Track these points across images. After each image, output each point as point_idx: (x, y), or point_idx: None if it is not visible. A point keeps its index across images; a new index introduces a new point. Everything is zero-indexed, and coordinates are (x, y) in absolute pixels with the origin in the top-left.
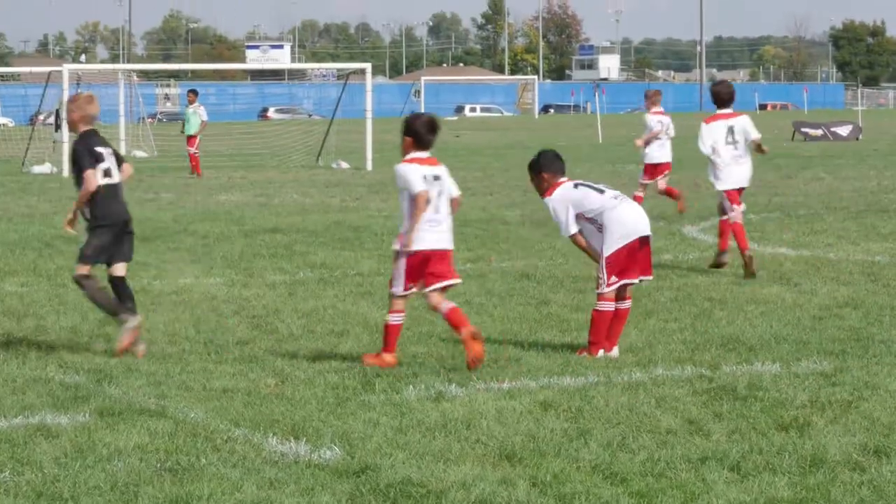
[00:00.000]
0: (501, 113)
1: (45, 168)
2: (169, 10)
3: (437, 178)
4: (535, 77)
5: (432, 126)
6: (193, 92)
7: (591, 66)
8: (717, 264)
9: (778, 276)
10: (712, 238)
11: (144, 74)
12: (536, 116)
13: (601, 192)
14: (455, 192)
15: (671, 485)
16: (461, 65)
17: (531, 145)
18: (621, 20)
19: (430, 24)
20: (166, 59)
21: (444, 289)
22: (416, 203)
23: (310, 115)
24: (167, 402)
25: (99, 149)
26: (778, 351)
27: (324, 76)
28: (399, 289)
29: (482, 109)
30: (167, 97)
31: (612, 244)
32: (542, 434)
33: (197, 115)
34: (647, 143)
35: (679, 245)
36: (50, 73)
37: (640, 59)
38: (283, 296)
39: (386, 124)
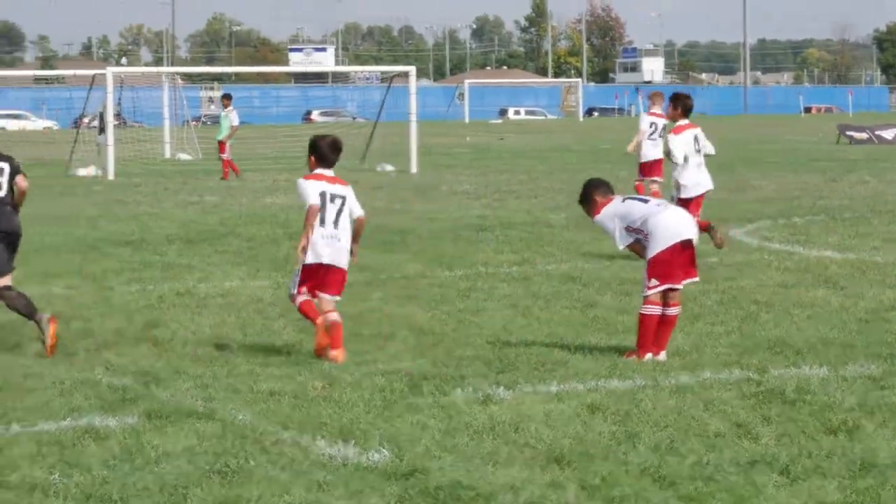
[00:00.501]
0: (545, 116)
1: (90, 171)
2: (212, 13)
3: (337, 196)
4: (579, 80)
5: (335, 146)
6: (227, 96)
7: (635, 68)
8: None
9: (824, 279)
10: (757, 241)
11: (188, 77)
12: (580, 119)
13: (645, 201)
14: (358, 211)
15: (720, 488)
16: (504, 67)
17: (576, 148)
18: (665, 22)
19: (474, 26)
20: (210, 61)
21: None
22: (307, 214)
23: (354, 118)
24: (215, 404)
25: None
26: (825, 354)
27: (367, 79)
28: (293, 290)
29: (526, 112)
30: (211, 100)
31: (654, 247)
32: (590, 437)
33: (227, 120)
34: (637, 146)
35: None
36: (94, 76)
37: (683, 61)
38: None
39: (430, 127)
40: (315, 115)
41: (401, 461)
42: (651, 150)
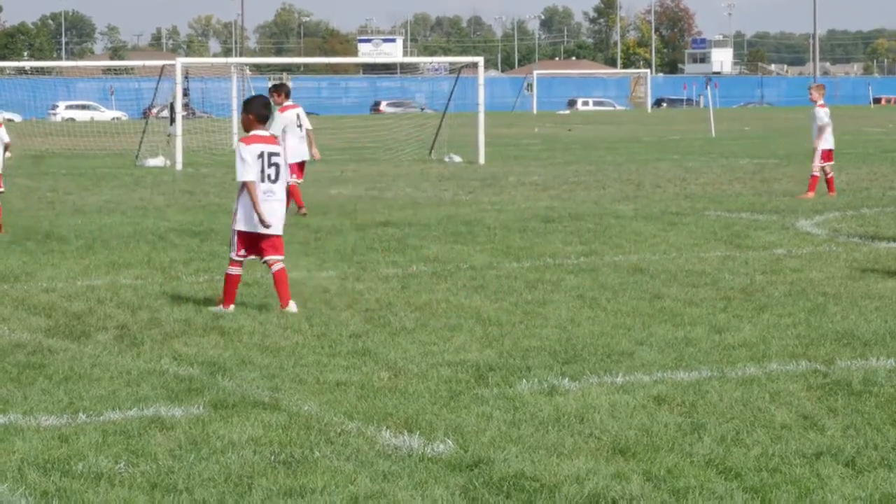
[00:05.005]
0: (614, 107)
1: (159, 161)
2: (281, 4)
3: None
4: (648, 70)
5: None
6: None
7: (704, 59)
8: None
9: (893, 270)
10: (826, 232)
11: (257, 68)
12: (649, 110)
13: None
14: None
15: (786, 480)
16: (573, 58)
17: (644, 139)
18: (734, 13)
19: (543, 17)
20: (278, 52)
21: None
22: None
23: (422, 109)
24: (281, 394)
25: None
26: (893, 346)
27: (436, 70)
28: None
29: (595, 103)
30: None
31: None
32: (655, 428)
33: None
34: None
35: (792, 239)
36: (163, 66)
37: (752, 52)
38: (396, 289)
39: (498, 118)
40: (383, 106)
41: (465, 452)
42: (830, 138)
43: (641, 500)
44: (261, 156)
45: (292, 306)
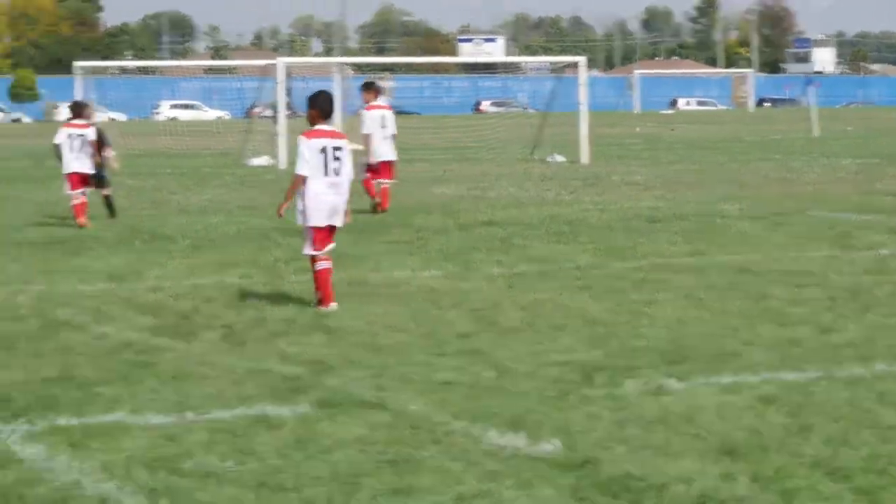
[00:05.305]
0: (716, 106)
1: (263, 160)
2: (382, 4)
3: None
4: (750, 70)
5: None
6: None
7: (806, 59)
8: None
9: None
10: None
11: (358, 68)
12: (751, 110)
13: None
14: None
15: (893, 482)
16: (675, 58)
17: (747, 138)
18: (836, 13)
19: (643, 17)
20: (379, 52)
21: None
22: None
23: (524, 109)
24: (387, 393)
25: None
26: None
27: (537, 69)
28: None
29: (697, 103)
30: (382, 90)
31: None
32: (762, 429)
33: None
34: None
35: None
36: (265, 66)
37: (855, 52)
38: (502, 289)
39: (600, 118)
40: (485, 106)
41: (572, 452)
42: None
43: (749, 501)
44: (323, 150)
45: (335, 306)
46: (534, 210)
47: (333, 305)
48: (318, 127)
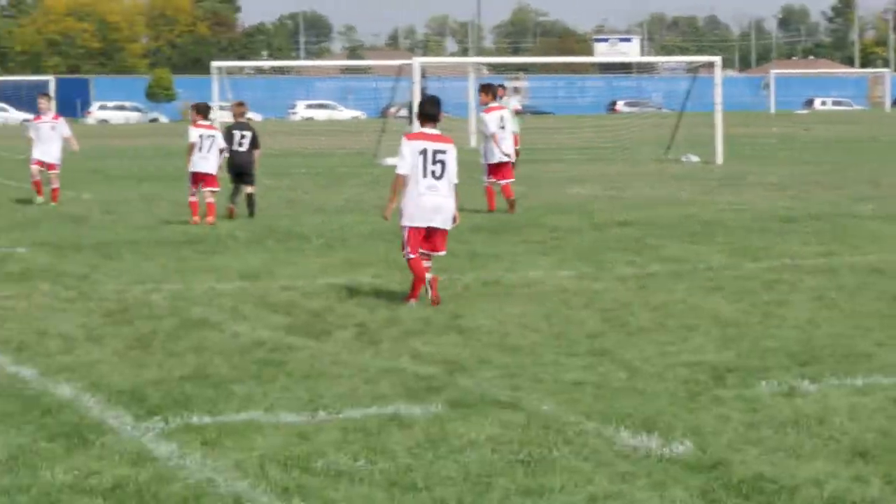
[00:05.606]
0: (852, 106)
1: (397, 160)
2: (518, 3)
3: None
4: (887, 70)
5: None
6: (502, 86)
7: None
8: None
9: None
10: None
11: (493, 67)
12: (888, 110)
13: None
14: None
15: None
16: (811, 57)
17: (883, 138)
18: None
19: (780, 16)
20: (515, 52)
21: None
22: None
23: (659, 109)
24: (519, 393)
25: None
26: None
27: (672, 69)
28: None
29: (833, 103)
30: (516, 90)
31: None
32: (895, 431)
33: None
34: None
35: None
36: (400, 66)
37: None
38: (634, 289)
39: (735, 118)
40: (620, 106)
41: (704, 453)
42: None
43: None
44: (423, 152)
45: (413, 304)
46: (668, 210)
47: (412, 302)
48: (421, 130)
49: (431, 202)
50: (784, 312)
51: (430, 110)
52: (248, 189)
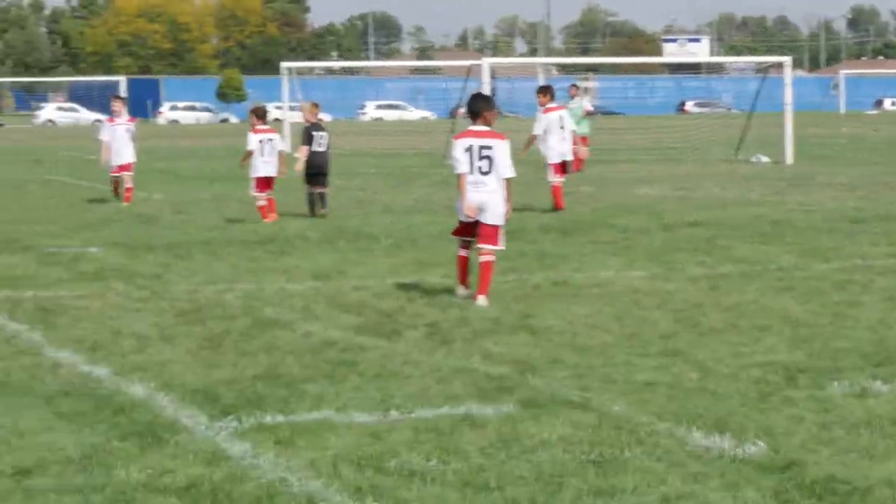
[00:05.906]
0: None
1: None
2: (587, 4)
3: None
4: None
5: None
6: (575, 86)
7: None
8: None
9: None
10: None
11: (563, 68)
12: None
13: None
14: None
15: None
16: (880, 58)
17: None
18: None
19: (849, 16)
20: (584, 52)
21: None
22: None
23: (729, 109)
24: (591, 393)
25: None
26: None
27: (742, 70)
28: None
29: None
30: (586, 90)
31: None
32: None
33: (581, 110)
34: None
35: None
36: (470, 66)
37: None
38: (705, 290)
39: (805, 118)
40: (689, 106)
41: (777, 454)
42: None
43: None
44: (468, 149)
45: (482, 301)
46: (737, 210)
47: (461, 290)
48: (470, 128)
49: (477, 198)
50: (855, 313)
51: (471, 107)
52: (322, 189)
